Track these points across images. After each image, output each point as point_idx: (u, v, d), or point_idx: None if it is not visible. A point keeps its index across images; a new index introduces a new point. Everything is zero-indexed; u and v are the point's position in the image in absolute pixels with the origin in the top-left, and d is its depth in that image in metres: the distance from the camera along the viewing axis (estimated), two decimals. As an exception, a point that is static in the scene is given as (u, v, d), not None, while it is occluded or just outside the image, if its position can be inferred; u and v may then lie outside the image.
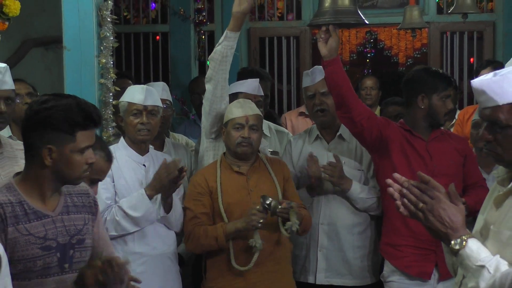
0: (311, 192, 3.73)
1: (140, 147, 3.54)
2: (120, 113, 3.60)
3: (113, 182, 3.41)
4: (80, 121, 2.27)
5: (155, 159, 3.62)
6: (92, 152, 2.32)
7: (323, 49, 3.42)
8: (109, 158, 2.92)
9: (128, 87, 3.73)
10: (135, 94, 3.55)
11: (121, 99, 3.64)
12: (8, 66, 3.19)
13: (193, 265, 3.97)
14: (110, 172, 3.06)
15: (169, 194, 3.42)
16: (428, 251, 3.44)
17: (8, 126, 3.31)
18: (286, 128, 4.99)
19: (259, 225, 3.22)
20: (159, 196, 3.42)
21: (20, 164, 2.76)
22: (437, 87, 3.59)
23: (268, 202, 3.22)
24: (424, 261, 3.49)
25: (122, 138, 3.61)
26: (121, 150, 3.48)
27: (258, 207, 3.24)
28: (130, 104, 3.52)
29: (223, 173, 3.45)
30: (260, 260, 3.35)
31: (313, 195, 3.72)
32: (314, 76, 3.78)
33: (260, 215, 3.22)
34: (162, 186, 3.37)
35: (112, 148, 3.25)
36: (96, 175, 2.80)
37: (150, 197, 3.35)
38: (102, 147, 2.97)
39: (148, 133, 3.51)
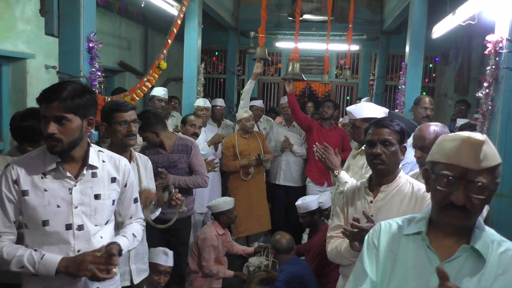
0: (281, 150, 3.65)
1: (203, 124, 3.34)
2: (194, 110, 3.44)
3: None
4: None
5: (211, 129, 3.53)
6: None
7: (287, 89, 3.36)
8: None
9: (197, 99, 3.57)
10: (199, 102, 3.46)
11: (194, 105, 3.49)
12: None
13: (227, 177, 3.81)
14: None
15: (217, 145, 3.32)
16: (323, 174, 3.42)
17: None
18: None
19: (254, 163, 3.21)
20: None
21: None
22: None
23: (259, 155, 3.22)
24: (321, 178, 3.47)
25: None
26: None
27: (254, 157, 3.22)
28: (197, 106, 3.42)
29: (238, 138, 3.36)
30: (254, 175, 3.33)
31: (282, 151, 3.64)
32: (285, 100, 3.68)
33: (254, 160, 3.20)
34: (214, 143, 3.27)
35: None
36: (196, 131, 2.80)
37: (209, 145, 3.25)
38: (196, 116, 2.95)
39: (206, 118, 3.41)
